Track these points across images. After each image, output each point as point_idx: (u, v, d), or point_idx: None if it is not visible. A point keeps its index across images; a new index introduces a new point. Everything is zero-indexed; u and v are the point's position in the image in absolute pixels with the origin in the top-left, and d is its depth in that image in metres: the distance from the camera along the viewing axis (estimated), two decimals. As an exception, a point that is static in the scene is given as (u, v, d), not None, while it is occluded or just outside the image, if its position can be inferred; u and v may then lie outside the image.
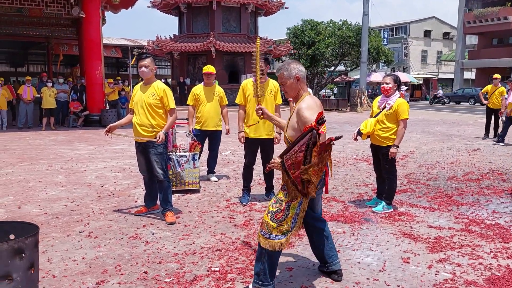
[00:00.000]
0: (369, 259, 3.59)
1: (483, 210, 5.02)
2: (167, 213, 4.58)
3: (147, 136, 4.52)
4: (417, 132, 13.40)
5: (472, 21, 37.71)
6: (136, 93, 4.63)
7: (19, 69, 37.92)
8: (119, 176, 6.73)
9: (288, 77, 2.96)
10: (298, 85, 2.98)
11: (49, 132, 13.01)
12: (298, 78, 2.96)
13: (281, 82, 3.02)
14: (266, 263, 2.84)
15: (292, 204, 2.80)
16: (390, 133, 4.78)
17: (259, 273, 2.87)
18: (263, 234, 2.84)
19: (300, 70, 2.99)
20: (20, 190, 5.82)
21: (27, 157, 8.40)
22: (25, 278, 2.36)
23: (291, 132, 2.94)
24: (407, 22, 50.47)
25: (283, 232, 2.80)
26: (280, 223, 2.79)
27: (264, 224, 2.84)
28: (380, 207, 4.89)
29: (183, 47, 23.36)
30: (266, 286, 2.87)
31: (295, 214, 2.82)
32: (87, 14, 14.25)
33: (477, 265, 3.46)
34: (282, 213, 2.79)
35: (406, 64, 48.73)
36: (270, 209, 2.84)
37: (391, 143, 4.77)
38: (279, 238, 2.80)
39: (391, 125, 4.78)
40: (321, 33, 28.12)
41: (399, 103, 4.73)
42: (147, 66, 4.48)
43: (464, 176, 6.88)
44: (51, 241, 3.95)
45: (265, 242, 2.82)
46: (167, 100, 4.55)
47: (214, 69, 6.29)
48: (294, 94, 3.00)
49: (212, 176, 6.56)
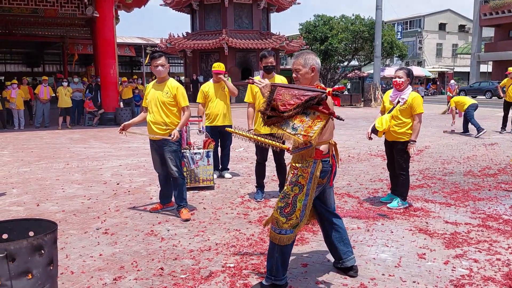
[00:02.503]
0: (384, 255, 3.57)
1: (500, 205, 4.95)
2: (181, 210, 4.61)
3: (161, 134, 4.56)
4: (432, 126, 13.23)
5: (488, 13, 36.97)
6: (150, 91, 4.66)
7: (35, 69, 38.52)
8: (134, 174, 6.81)
9: (304, 65, 2.96)
10: (312, 76, 2.98)
11: (65, 130, 13.20)
12: (314, 69, 2.96)
13: (296, 69, 3.01)
14: (278, 258, 2.88)
15: (299, 197, 2.84)
16: (406, 128, 4.71)
17: (272, 269, 2.91)
18: (274, 230, 2.88)
19: (317, 62, 2.99)
20: (38, 188, 5.93)
21: (44, 156, 8.54)
22: (44, 274, 2.40)
23: None
24: (422, 15, 49.74)
25: (293, 226, 2.86)
26: (290, 217, 2.83)
27: (274, 220, 2.88)
28: (396, 203, 4.85)
29: (195, 44, 23.42)
30: (279, 281, 2.90)
31: (303, 206, 2.86)
32: (100, 14, 14.40)
33: (494, 261, 3.42)
34: (290, 207, 2.84)
35: (420, 58, 48.07)
36: (278, 205, 2.88)
37: (407, 139, 4.71)
38: (290, 232, 2.85)
39: (407, 120, 4.70)
40: (333, 28, 27.90)
41: (414, 97, 4.66)
42: (163, 65, 4.50)
43: (481, 171, 6.78)
44: (69, 238, 4.02)
45: (277, 238, 2.86)
46: (180, 98, 4.58)
47: (224, 67, 6.30)
48: (307, 84, 2.99)
49: (226, 173, 6.58)
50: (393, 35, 30.30)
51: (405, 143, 4.72)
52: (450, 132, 11.57)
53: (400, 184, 4.87)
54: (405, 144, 4.72)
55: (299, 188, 2.84)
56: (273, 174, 6.48)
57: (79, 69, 34.97)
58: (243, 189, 5.85)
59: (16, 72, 36.03)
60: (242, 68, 24.56)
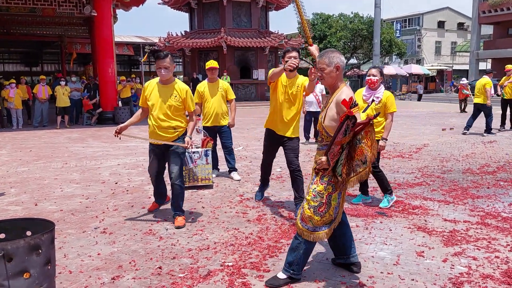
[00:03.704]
0: (383, 253, 3.57)
1: (499, 203, 4.95)
2: (177, 217, 4.38)
3: (169, 138, 4.31)
4: (431, 124, 13.23)
5: (487, 11, 36.98)
6: (152, 93, 4.31)
7: (34, 68, 38.50)
8: (132, 173, 6.80)
9: (329, 64, 2.97)
10: (337, 74, 3.00)
11: (63, 130, 13.18)
12: (338, 67, 2.98)
13: (321, 68, 3.03)
14: (303, 254, 2.98)
15: (333, 196, 2.90)
16: (381, 127, 4.72)
17: (293, 263, 2.99)
18: (307, 228, 2.93)
19: (341, 60, 3.01)
20: (36, 188, 5.92)
21: (42, 155, 8.53)
22: (42, 273, 2.40)
23: (330, 123, 2.95)
24: (420, 13, 49.75)
25: (326, 223, 2.92)
26: (324, 215, 2.90)
27: (307, 219, 2.92)
28: (386, 202, 4.83)
29: (194, 43, 23.41)
30: (297, 275, 3.02)
31: (337, 204, 2.93)
32: (98, 13, 14.38)
33: (493, 259, 3.42)
34: (324, 206, 2.89)
35: (419, 56, 48.10)
36: (311, 204, 2.91)
37: (380, 137, 4.71)
38: (324, 228, 2.93)
39: (381, 119, 4.72)
40: (332, 26, 27.95)
41: (388, 96, 4.68)
42: (167, 67, 4.14)
43: (479, 169, 6.78)
44: (67, 237, 4.01)
45: (311, 236, 2.93)
46: (190, 102, 4.34)
47: (216, 64, 6.25)
48: (332, 82, 3.01)
49: (235, 174, 6.36)
50: (392, 33, 30.36)
51: (377, 141, 4.71)
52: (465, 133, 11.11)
53: (379, 181, 4.87)
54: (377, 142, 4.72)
55: (332, 187, 2.88)
56: (272, 173, 6.47)
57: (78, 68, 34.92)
58: (242, 188, 5.84)
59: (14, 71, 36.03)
60: (240, 66, 24.55)
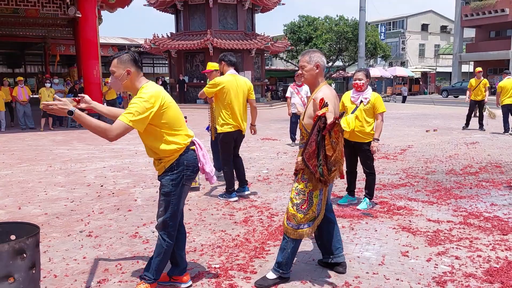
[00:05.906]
0: (368, 253, 3.61)
1: (481, 203, 5.05)
2: (141, 281, 2.93)
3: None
4: (415, 126, 13.41)
5: (469, 14, 37.65)
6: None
7: (17, 70, 37.90)
8: (118, 176, 6.75)
9: (309, 62, 3.09)
10: (316, 73, 3.09)
11: (47, 132, 13.00)
12: (318, 66, 3.08)
13: (301, 66, 3.14)
14: (291, 253, 3.03)
15: (315, 193, 2.95)
16: (371, 129, 4.77)
17: (282, 263, 3.04)
18: (291, 226, 2.98)
19: (322, 60, 3.12)
20: (20, 191, 5.84)
21: (26, 158, 8.41)
22: (27, 278, 2.37)
23: (308, 121, 3.05)
24: (404, 16, 50.36)
25: (310, 220, 2.98)
26: (307, 212, 2.95)
27: (291, 217, 2.98)
28: (365, 205, 4.88)
29: (180, 45, 23.31)
30: (286, 274, 3.08)
31: (319, 201, 2.99)
32: (83, 14, 14.23)
33: (475, 258, 3.49)
34: (306, 204, 2.95)
35: (403, 59, 48.67)
36: (294, 201, 2.97)
37: (371, 139, 4.76)
38: (307, 226, 2.97)
39: (371, 119, 4.76)
40: (318, 28, 28.14)
41: (376, 97, 4.74)
42: (113, 72, 2.88)
43: (462, 169, 6.90)
44: (52, 241, 3.97)
45: (295, 233, 2.98)
46: None
47: (211, 66, 6.23)
48: (312, 80, 3.12)
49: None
50: (377, 36, 30.69)
51: (370, 143, 4.77)
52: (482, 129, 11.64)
53: (369, 184, 4.93)
54: (370, 144, 4.77)
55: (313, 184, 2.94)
56: (259, 175, 6.50)
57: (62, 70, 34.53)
58: (228, 189, 5.83)
59: (-4, 73, 35.41)
60: (227, 68, 24.49)
